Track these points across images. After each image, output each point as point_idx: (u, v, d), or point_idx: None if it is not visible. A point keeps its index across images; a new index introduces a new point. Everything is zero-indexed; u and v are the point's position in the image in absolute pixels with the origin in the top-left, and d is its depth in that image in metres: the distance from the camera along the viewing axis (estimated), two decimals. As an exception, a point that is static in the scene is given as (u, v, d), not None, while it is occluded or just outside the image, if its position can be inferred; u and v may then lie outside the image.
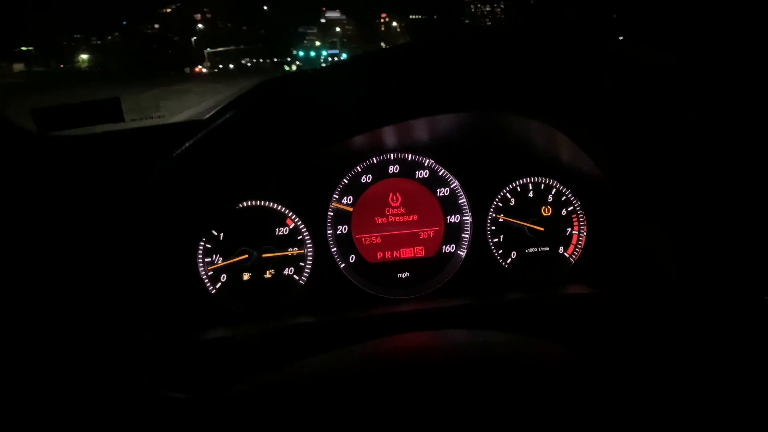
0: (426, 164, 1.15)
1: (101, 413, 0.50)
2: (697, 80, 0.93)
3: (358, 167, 1.12)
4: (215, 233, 1.08)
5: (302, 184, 1.10)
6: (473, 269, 1.14)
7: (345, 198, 1.13)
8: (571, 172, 1.14)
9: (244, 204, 1.08)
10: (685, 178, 0.76)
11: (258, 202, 1.09)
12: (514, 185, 1.15)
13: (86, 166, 1.00)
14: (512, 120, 1.03)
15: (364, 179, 1.13)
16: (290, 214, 1.10)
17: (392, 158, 1.14)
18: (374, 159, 1.13)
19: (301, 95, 0.58)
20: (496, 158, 1.15)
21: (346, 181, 1.12)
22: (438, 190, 1.16)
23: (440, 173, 1.15)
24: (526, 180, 1.15)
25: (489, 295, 1.09)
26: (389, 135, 1.11)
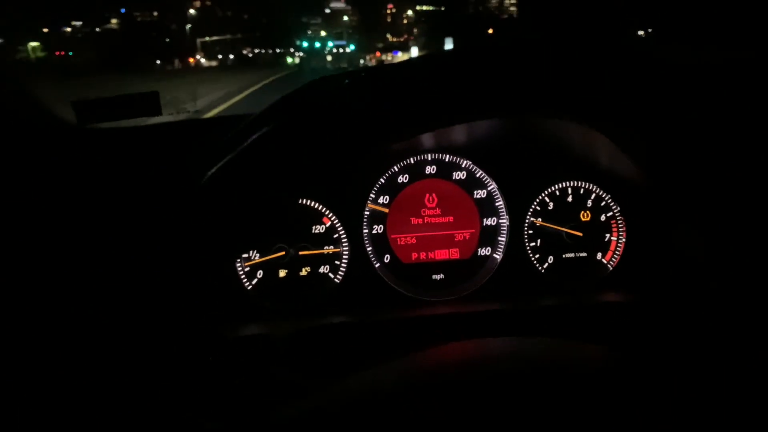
0: (463, 166, 1.18)
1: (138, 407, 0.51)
2: (737, 82, 0.96)
3: (395, 167, 1.16)
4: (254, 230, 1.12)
5: (339, 182, 1.13)
6: (509, 273, 1.17)
7: (381, 197, 1.16)
8: (610, 177, 1.17)
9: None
10: (727, 181, 0.78)
11: (296, 200, 1.12)
12: (553, 189, 1.18)
13: (127, 158, 1.03)
14: (551, 123, 1.07)
15: (400, 179, 1.17)
16: (327, 213, 1.13)
17: (430, 159, 1.17)
18: (411, 159, 1.17)
19: (358, 97, 0.60)
20: (535, 161, 1.18)
21: (383, 181, 1.16)
22: (475, 192, 1.19)
23: (478, 175, 1.19)
24: (565, 184, 1.19)
25: (524, 300, 1.13)
26: (427, 136, 1.14)
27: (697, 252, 1.01)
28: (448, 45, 55.10)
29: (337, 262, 1.14)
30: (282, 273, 1.13)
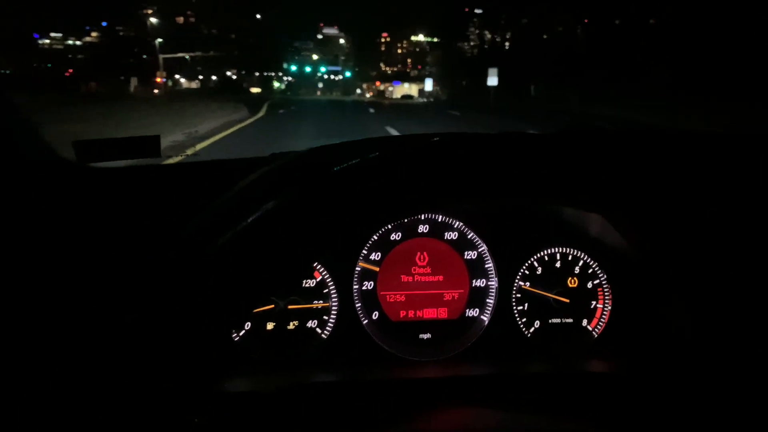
0: (455, 226, 1.29)
1: None
2: (728, 158, 1.09)
3: (388, 225, 1.26)
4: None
5: (333, 237, 1.23)
6: (496, 335, 1.26)
7: (373, 254, 1.26)
8: (599, 245, 1.28)
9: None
10: (716, 258, 0.84)
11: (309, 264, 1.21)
12: (542, 254, 1.29)
13: (128, 199, 1.13)
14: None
15: (393, 236, 1.27)
16: (318, 267, 1.22)
17: (423, 218, 1.28)
18: (405, 218, 1.27)
19: (362, 180, 0.67)
20: (526, 226, 1.29)
21: (376, 238, 1.26)
22: (466, 253, 1.29)
23: (469, 236, 1.29)
24: (554, 250, 1.29)
25: (511, 365, 1.21)
26: None
27: (684, 325, 1.12)
28: (493, 79, 51.64)
29: (325, 317, 1.23)
30: (270, 326, 1.21)
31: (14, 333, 0.85)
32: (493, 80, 52.46)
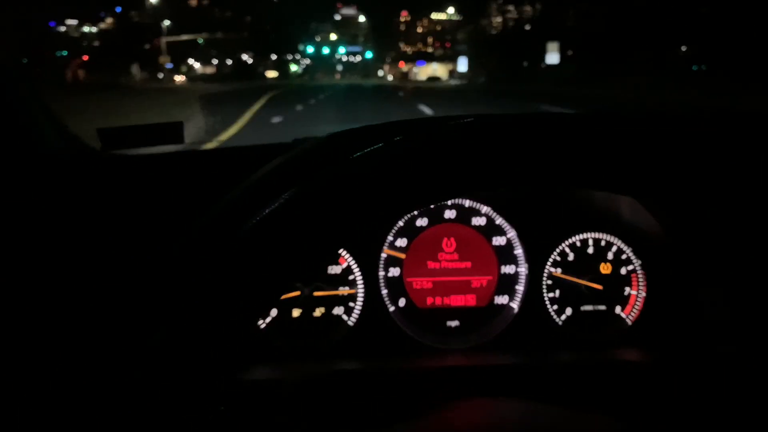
0: (483, 212, 1.30)
1: None
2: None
3: (414, 210, 1.27)
4: None
5: (358, 224, 1.25)
6: (525, 323, 1.27)
7: (399, 240, 1.27)
8: (632, 230, 1.28)
9: None
10: (752, 245, 0.84)
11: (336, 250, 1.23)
12: (574, 240, 1.29)
13: (150, 186, 1.16)
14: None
15: (419, 222, 1.28)
16: (344, 253, 1.25)
17: (449, 203, 1.29)
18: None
19: (387, 165, 0.67)
20: (556, 211, 1.29)
21: (402, 224, 1.27)
22: (494, 239, 1.30)
23: (497, 222, 1.30)
24: (586, 235, 1.29)
25: (541, 353, 1.23)
26: None
27: (720, 313, 1.12)
28: (553, 56, 46.14)
29: (351, 304, 1.25)
30: (296, 313, 1.23)
31: (36, 322, 0.88)
32: (553, 57, 46.72)
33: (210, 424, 0.62)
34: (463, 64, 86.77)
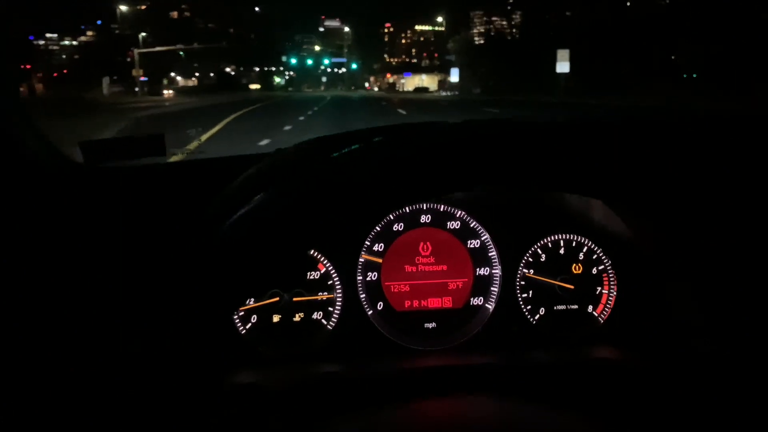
0: (457, 215, 1.36)
1: None
2: (731, 143, 1.16)
3: (390, 215, 1.34)
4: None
5: (335, 230, 1.32)
6: (501, 323, 1.33)
7: (376, 245, 1.33)
8: (602, 231, 1.35)
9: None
10: (719, 243, 0.90)
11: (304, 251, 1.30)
12: (546, 241, 1.36)
13: (135, 198, 1.22)
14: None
15: (396, 227, 1.34)
16: (322, 259, 1.31)
17: (425, 208, 1.35)
18: (407, 208, 1.34)
19: (362, 166, 0.72)
20: (529, 213, 1.36)
21: (378, 229, 1.33)
22: (468, 242, 1.37)
23: (471, 225, 1.36)
24: (558, 236, 1.36)
25: (516, 353, 1.29)
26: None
27: (690, 311, 1.19)
28: (563, 65, 42.55)
29: (330, 309, 1.30)
30: (276, 318, 1.28)
31: (21, 331, 0.92)
32: (563, 66, 43.45)
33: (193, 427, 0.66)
34: (455, 75, 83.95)
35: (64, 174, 1.23)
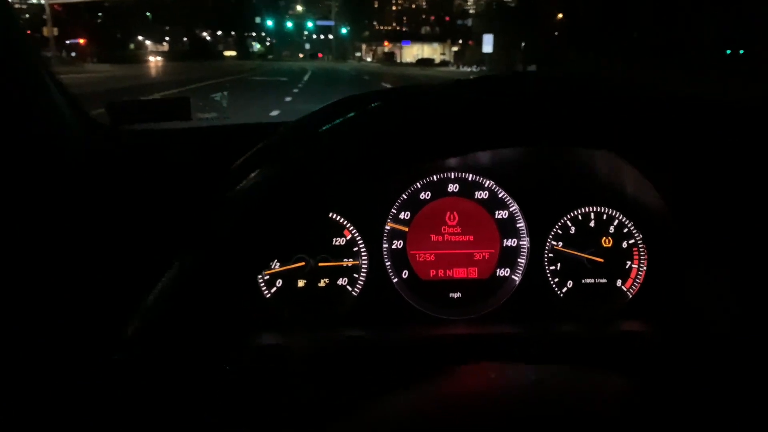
0: (486, 185, 1.49)
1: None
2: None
3: (417, 183, 1.46)
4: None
5: (362, 196, 1.44)
6: (527, 296, 1.47)
7: (402, 213, 1.46)
8: (634, 204, 1.47)
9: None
10: (754, 222, 1.01)
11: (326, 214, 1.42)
12: (576, 213, 1.49)
13: (158, 160, 1.33)
14: (578, 149, 1.38)
15: (423, 196, 1.46)
16: (348, 225, 1.43)
17: (452, 177, 1.47)
18: (434, 177, 1.47)
19: (389, 119, 0.78)
20: (559, 184, 1.49)
21: (405, 197, 1.45)
22: (496, 212, 1.49)
23: (500, 195, 1.49)
24: (588, 209, 1.49)
25: (542, 324, 1.42)
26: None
27: (720, 287, 1.31)
28: None
29: (355, 275, 1.43)
30: (301, 283, 1.41)
31: (45, 288, 1.04)
32: None
33: (217, 384, 0.78)
34: (488, 43, 64.78)
35: (90, 135, 1.34)
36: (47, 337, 0.91)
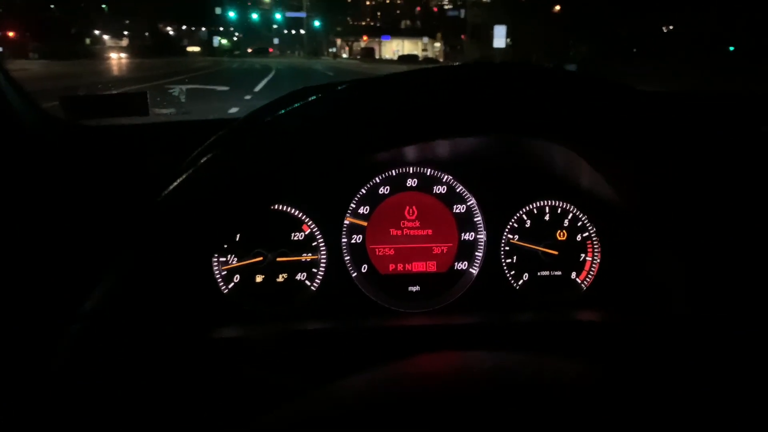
0: (444, 180, 1.60)
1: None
2: (721, 113, 1.39)
3: (377, 178, 1.57)
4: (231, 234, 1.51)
5: (320, 190, 1.54)
6: (484, 288, 1.58)
7: (362, 208, 1.56)
8: (588, 198, 1.59)
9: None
10: (706, 210, 1.09)
11: (276, 206, 1.53)
12: (531, 207, 1.60)
13: (114, 156, 1.42)
14: (534, 142, 1.49)
15: (381, 190, 1.57)
16: (306, 220, 1.53)
17: (411, 171, 1.59)
18: (393, 171, 1.58)
19: (338, 104, 0.81)
20: (515, 179, 1.61)
21: (364, 192, 1.56)
22: (454, 207, 1.61)
23: (458, 190, 1.60)
24: (544, 203, 1.61)
25: (498, 315, 1.54)
26: (410, 149, 1.56)
27: (670, 277, 1.43)
28: None
29: (314, 270, 1.54)
30: (259, 278, 1.51)
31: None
32: None
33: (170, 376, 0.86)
34: (500, 36, 58.41)
35: (43, 130, 1.43)
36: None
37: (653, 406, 0.65)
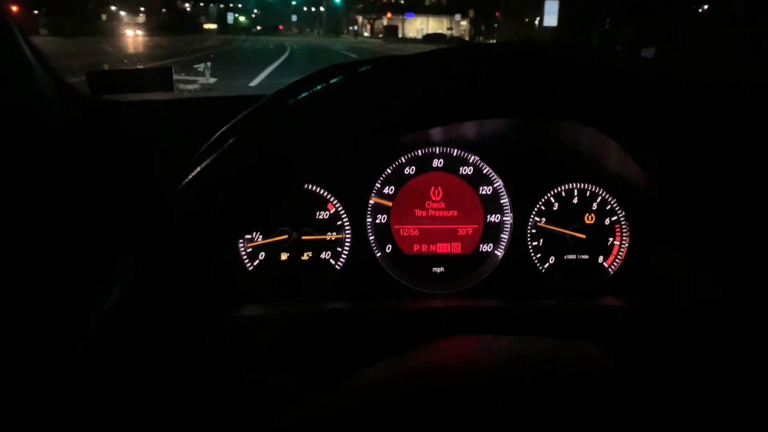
0: (471, 161, 1.62)
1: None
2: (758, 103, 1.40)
3: (402, 158, 1.60)
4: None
5: (346, 169, 1.57)
6: (509, 271, 1.61)
7: (387, 188, 1.59)
8: (618, 181, 1.61)
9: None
10: (740, 201, 1.10)
11: (302, 185, 1.56)
12: (559, 190, 1.63)
13: (140, 131, 1.46)
14: (563, 124, 1.51)
15: (407, 170, 1.60)
16: (332, 199, 1.56)
17: (437, 152, 1.61)
18: (419, 151, 1.60)
19: (364, 85, 0.80)
20: (543, 161, 1.63)
21: (390, 171, 1.59)
22: (480, 188, 1.63)
23: (484, 171, 1.63)
24: (572, 185, 1.63)
25: (523, 299, 1.56)
26: (436, 130, 1.59)
27: (702, 264, 1.44)
28: None
29: (338, 249, 1.57)
30: (284, 256, 1.55)
31: (23, 263, 1.17)
32: None
33: (198, 355, 0.90)
34: (552, 13, 51.98)
35: (70, 104, 1.46)
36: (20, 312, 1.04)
37: (676, 393, 0.67)
